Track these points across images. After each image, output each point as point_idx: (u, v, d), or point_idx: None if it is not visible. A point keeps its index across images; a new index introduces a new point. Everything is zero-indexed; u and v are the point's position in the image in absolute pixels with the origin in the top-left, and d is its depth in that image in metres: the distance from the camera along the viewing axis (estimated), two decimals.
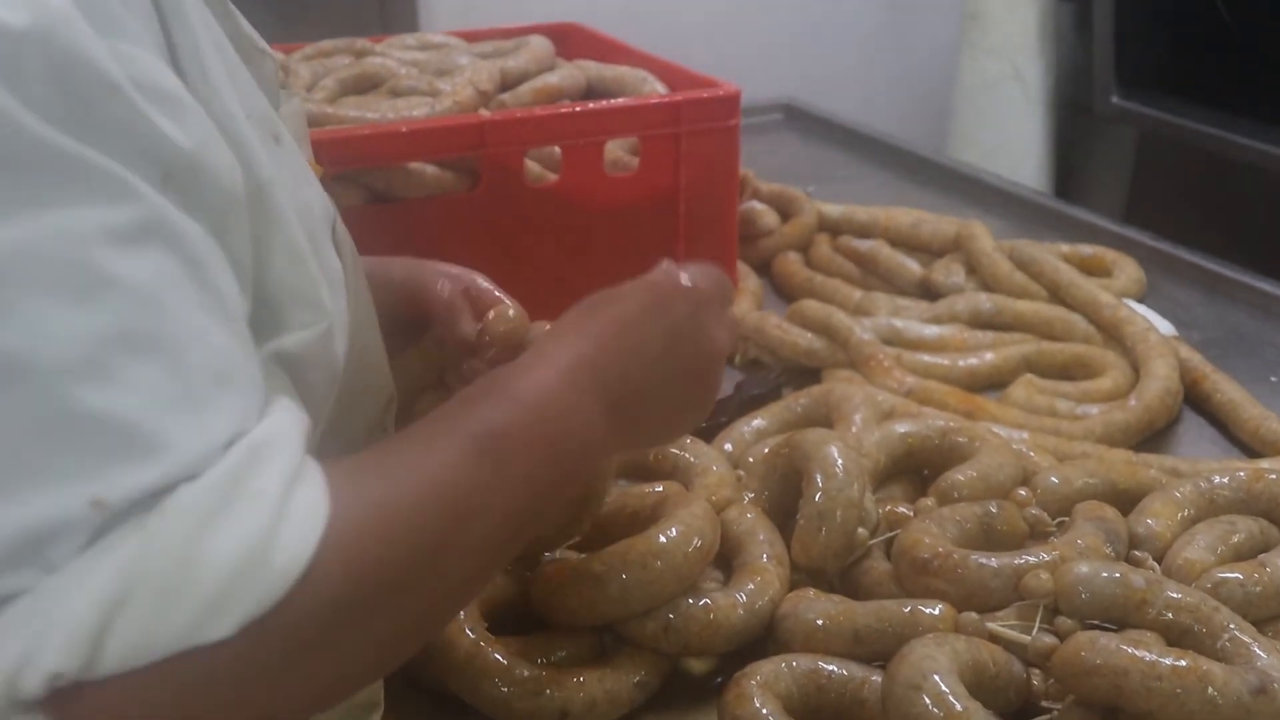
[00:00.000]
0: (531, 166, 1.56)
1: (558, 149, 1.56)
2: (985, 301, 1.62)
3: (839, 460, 1.09)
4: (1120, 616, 0.97)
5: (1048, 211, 2.06)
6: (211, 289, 0.68)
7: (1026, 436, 1.32)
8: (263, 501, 0.64)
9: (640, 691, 1.01)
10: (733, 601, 1.02)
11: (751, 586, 1.04)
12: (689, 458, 1.23)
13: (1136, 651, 0.90)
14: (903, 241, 1.81)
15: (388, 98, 1.66)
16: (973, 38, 3.22)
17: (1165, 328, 1.57)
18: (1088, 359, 1.51)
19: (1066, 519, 1.12)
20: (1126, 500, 1.17)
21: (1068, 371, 1.51)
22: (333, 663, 0.68)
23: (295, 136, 0.91)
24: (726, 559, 1.10)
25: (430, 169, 1.51)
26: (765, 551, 1.08)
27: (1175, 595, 0.97)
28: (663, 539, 1.01)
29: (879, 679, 0.95)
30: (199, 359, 0.65)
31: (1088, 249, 1.79)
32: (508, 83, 1.69)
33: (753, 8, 3.37)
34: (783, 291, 1.78)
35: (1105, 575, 0.97)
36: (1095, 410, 1.40)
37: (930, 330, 1.56)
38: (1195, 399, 1.46)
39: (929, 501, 1.14)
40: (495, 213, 1.52)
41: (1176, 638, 0.96)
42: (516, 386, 0.80)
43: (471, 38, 1.90)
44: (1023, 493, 1.14)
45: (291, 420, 0.69)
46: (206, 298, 0.67)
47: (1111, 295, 1.59)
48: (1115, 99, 2.91)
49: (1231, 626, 0.95)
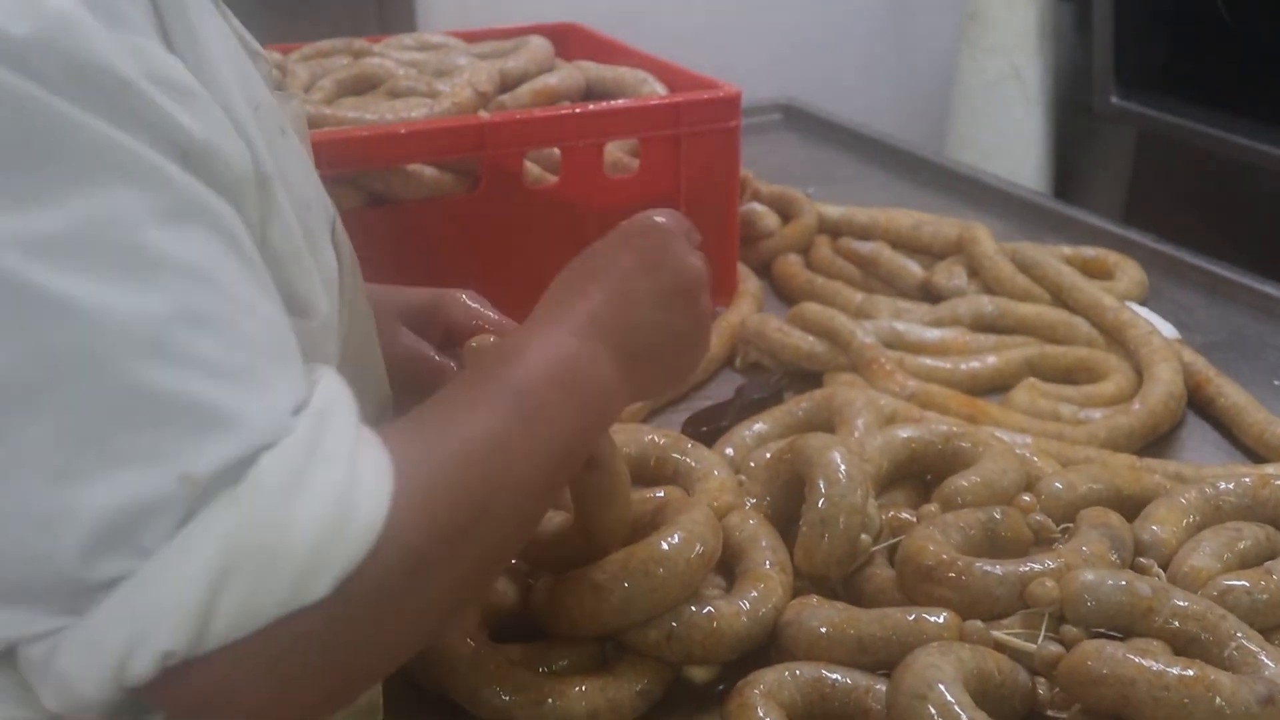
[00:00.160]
0: (531, 168, 1.56)
1: (557, 151, 1.55)
2: (987, 304, 1.61)
3: (842, 466, 1.08)
4: (1126, 625, 0.96)
5: (1048, 213, 2.05)
6: (252, 264, 0.70)
7: (1029, 441, 1.31)
8: (336, 464, 0.66)
9: (643, 700, 1.00)
10: (736, 609, 1.01)
11: (755, 594, 1.03)
12: (690, 462, 1.22)
13: (1143, 661, 0.90)
14: (903, 243, 1.80)
15: (386, 99, 1.65)
16: (972, 37, 3.21)
17: (1168, 331, 1.56)
18: (1090, 362, 1.50)
19: (1071, 525, 1.11)
20: (1131, 506, 1.16)
21: (1070, 375, 1.50)
22: (409, 613, 0.71)
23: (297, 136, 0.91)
24: (729, 565, 1.10)
25: (429, 171, 1.51)
26: (768, 558, 1.08)
27: (1182, 603, 0.96)
28: (664, 546, 1.00)
29: (883, 688, 0.94)
30: (254, 331, 0.67)
31: (1090, 251, 1.78)
32: (507, 84, 1.68)
33: (751, 8, 3.36)
34: (783, 294, 1.77)
35: (1111, 583, 0.96)
36: (1098, 414, 1.39)
37: (932, 333, 1.55)
38: (1199, 403, 1.45)
39: (932, 507, 1.13)
40: (494, 215, 1.51)
41: (1183, 646, 0.95)
42: (536, 347, 0.84)
43: (470, 38, 1.90)
44: (1027, 498, 1.14)
45: (340, 386, 0.72)
46: (250, 272, 0.70)
47: (1114, 298, 1.58)
48: (1115, 99, 2.90)
49: (1238, 635, 0.95)
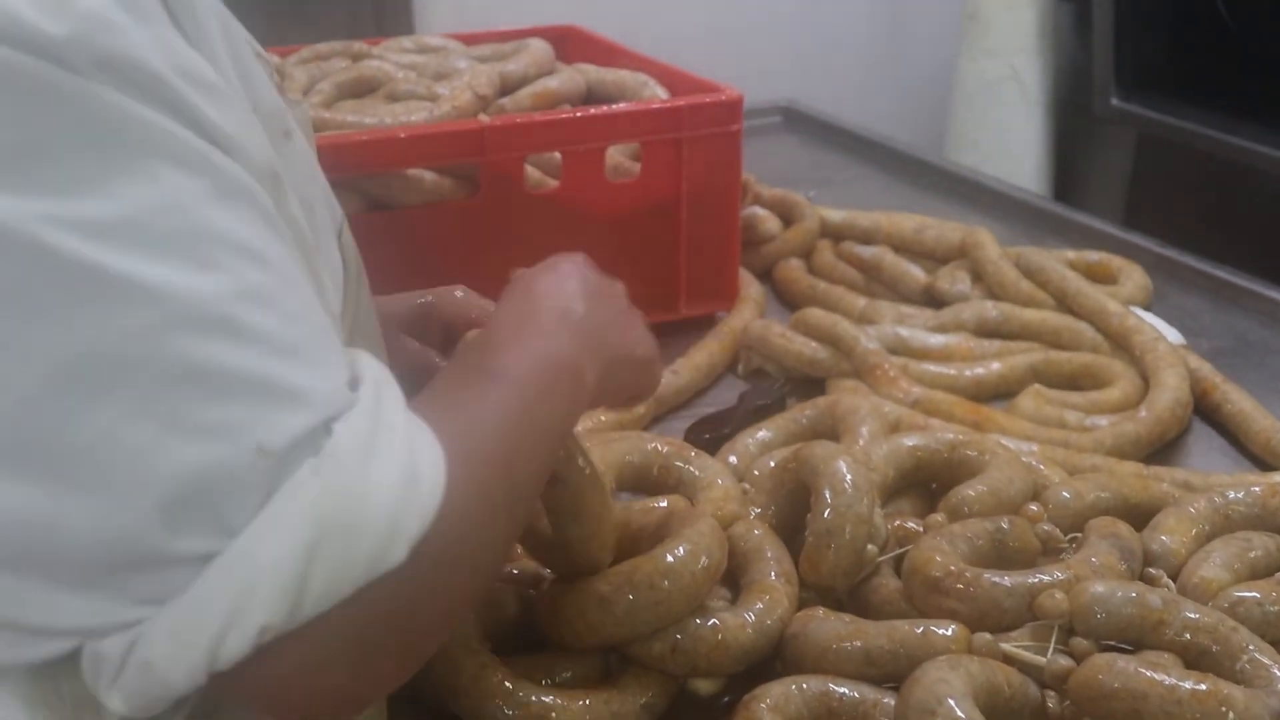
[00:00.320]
0: (531, 173, 1.55)
1: (558, 155, 1.54)
2: (991, 310, 1.60)
3: (848, 475, 1.07)
4: (1137, 637, 0.95)
5: (1050, 216, 2.04)
6: (290, 244, 0.72)
7: (1036, 449, 1.30)
8: (397, 431, 0.69)
9: (647, 713, 0.98)
10: (741, 621, 1.00)
11: (760, 605, 1.02)
12: (693, 471, 1.21)
13: (1155, 675, 0.88)
14: (906, 248, 1.79)
15: (385, 102, 1.64)
16: (971, 38, 3.20)
17: (1173, 336, 1.55)
18: (1095, 368, 1.49)
19: (1079, 535, 1.10)
20: (1139, 515, 1.15)
21: (1075, 381, 1.49)
22: (466, 575, 0.75)
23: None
24: (733, 576, 1.08)
25: (429, 175, 1.49)
26: (773, 569, 1.06)
27: (1193, 615, 0.95)
28: (670, 558, 0.99)
29: (891, 701, 0.93)
30: (306, 309, 0.70)
31: (1093, 255, 1.77)
32: (507, 87, 1.67)
33: (749, 10, 3.34)
34: (785, 299, 1.76)
35: (1121, 595, 0.95)
36: (1105, 421, 1.38)
37: (936, 339, 1.54)
38: (1205, 409, 1.44)
39: (939, 517, 1.12)
40: (495, 220, 1.50)
41: (1194, 659, 0.94)
42: (520, 340, 0.85)
43: (470, 40, 1.88)
44: (1034, 508, 1.13)
45: (379, 362, 0.74)
46: (289, 252, 0.72)
47: (1119, 303, 1.57)
48: (1114, 100, 2.89)
49: (1250, 648, 0.94)
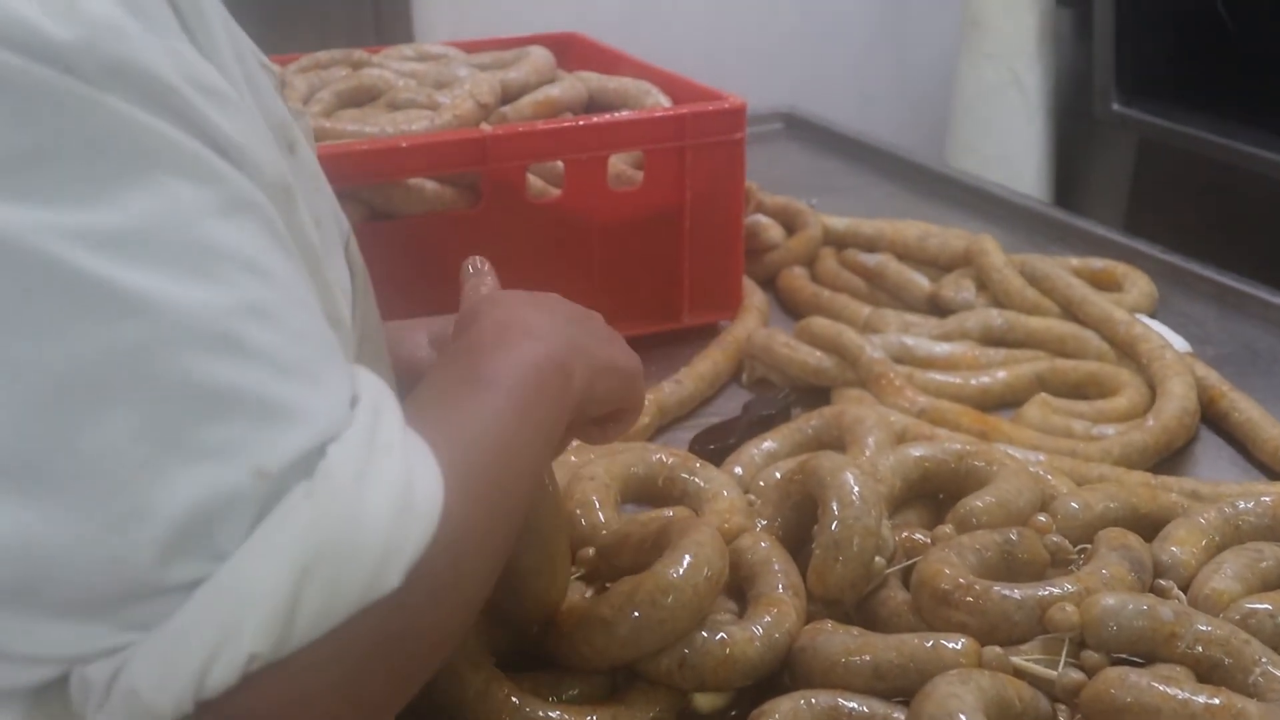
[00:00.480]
0: (534, 182, 1.54)
1: (560, 164, 1.53)
2: (996, 318, 1.59)
3: (855, 487, 1.06)
4: (1148, 650, 0.94)
5: (1053, 222, 2.03)
6: (295, 258, 0.71)
7: (1043, 458, 1.29)
8: (394, 453, 0.67)
9: None
10: (749, 635, 0.99)
11: (768, 619, 1.01)
12: (699, 482, 1.20)
13: (1168, 689, 0.88)
14: (909, 255, 1.78)
15: (386, 111, 1.63)
16: (972, 44, 3.20)
17: (1180, 344, 1.54)
18: (1102, 377, 1.48)
19: (1088, 546, 1.09)
20: (1148, 525, 1.14)
21: (1081, 390, 1.48)
22: (464, 597, 0.73)
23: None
24: (740, 589, 1.07)
25: (430, 185, 1.49)
26: (780, 582, 1.05)
27: (1205, 628, 0.94)
28: (672, 574, 0.97)
29: (901, 716, 0.92)
30: (308, 325, 0.68)
31: (1098, 263, 1.76)
32: (508, 95, 1.66)
33: (749, 16, 3.34)
34: (788, 307, 1.75)
35: (1133, 608, 0.94)
36: (1112, 430, 1.37)
37: (941, 348, 1.53)
38: (1212, 417, 1.43)
39: (947, 529, 1.11)
40: (497, 229, 1.49)
41: (1206, 672, 0.93)
42: (507, 340, 0.84)
43: (470, 48, 1.88)
44: (1042, 519, 1.12)
45: (380, 380, 0.72)
46: (295, 266, 0.70)
47: (1125, 311, 1.56)
48: (1116, 105, 2.89)
49: (1264, 660, 0.93)
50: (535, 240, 1.51)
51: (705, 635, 0.98)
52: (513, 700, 0.95)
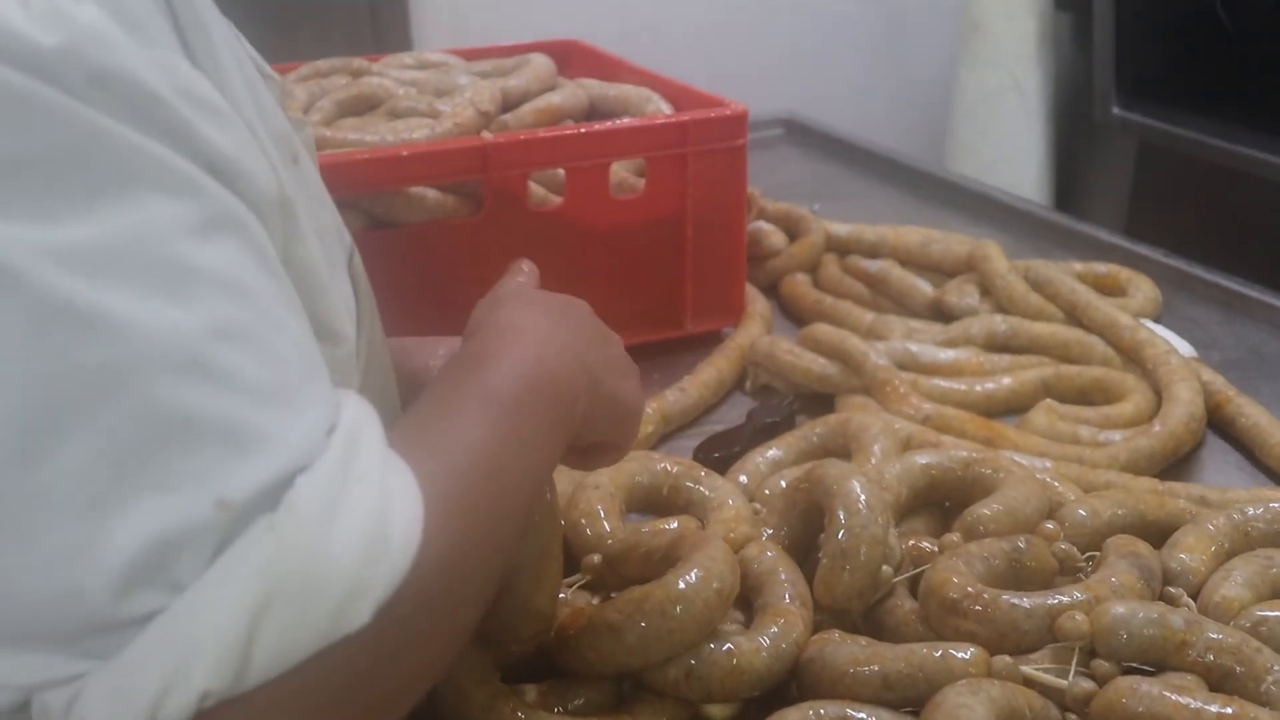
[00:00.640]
0: (535, 189, 1.53)
1: (562, 171, 1.52)
2: (1001, 324, 1.58)
3: (862, 496, 1.05)
4: (1159, 658, 0.94)
5: (1055, 227, 2.03)
6: (280, 279, 0.68)
7: (1049, 465, 1.28)
8: (369, 484, 0.64)
9: None
10: (756, 645, 0.98)
11: (775, 629, 1.00)
12: (704, 491, 1.20)
13: (1180, 698, 0.87)
14: (912, 261, 1.78)
15: (386, 119, 1.63)
16: (972, 49, 3.19)
17: (1185, 349, 1.53)
18: (1107, 383, 1.47)
19: (1096, 553, 1.09)
20: (1156, 532, 1.14)
21: (1087, 395, 1.47)
22: (443, 631, 0.70)
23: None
24: (747, 599, 1.07)
25: (431, 193, 1.48)
26: (787, 591, 1.05)
27: (1216, 636, 0.94)
28: (681, 584, 0.97)
29: None
30: (287, 349, 0.65)
31: (1102, 267, 1.75)
32: (509, 103, 1.66)
33: (749, 22, 3.34)
34: (791, 314, 1.74)
35: (1143, 616, 0.94)
36: (1118, 436, 1.36)
37: (946, 354, 1.53)
38: (1219, 423, 1.43)
39: (954, 537, 1.10)
40: (498, 238, 1.49)
41: (1218, 681, 0.93)
42: (509, 351, 0.82)
43: (470, 56, 1.87)
44: (1050, 526, 1.11)
45: (365, 406, 0.70)
46: (278, 288, 0.67)
47: (1130, 316, 1.55)
48: (1116, 109, 2.89)
49: (1276, 668, 0.93)
50: (537, 248, 1.49)
51: (712, 646, 0.97)
52: (518, 715, 0.94)
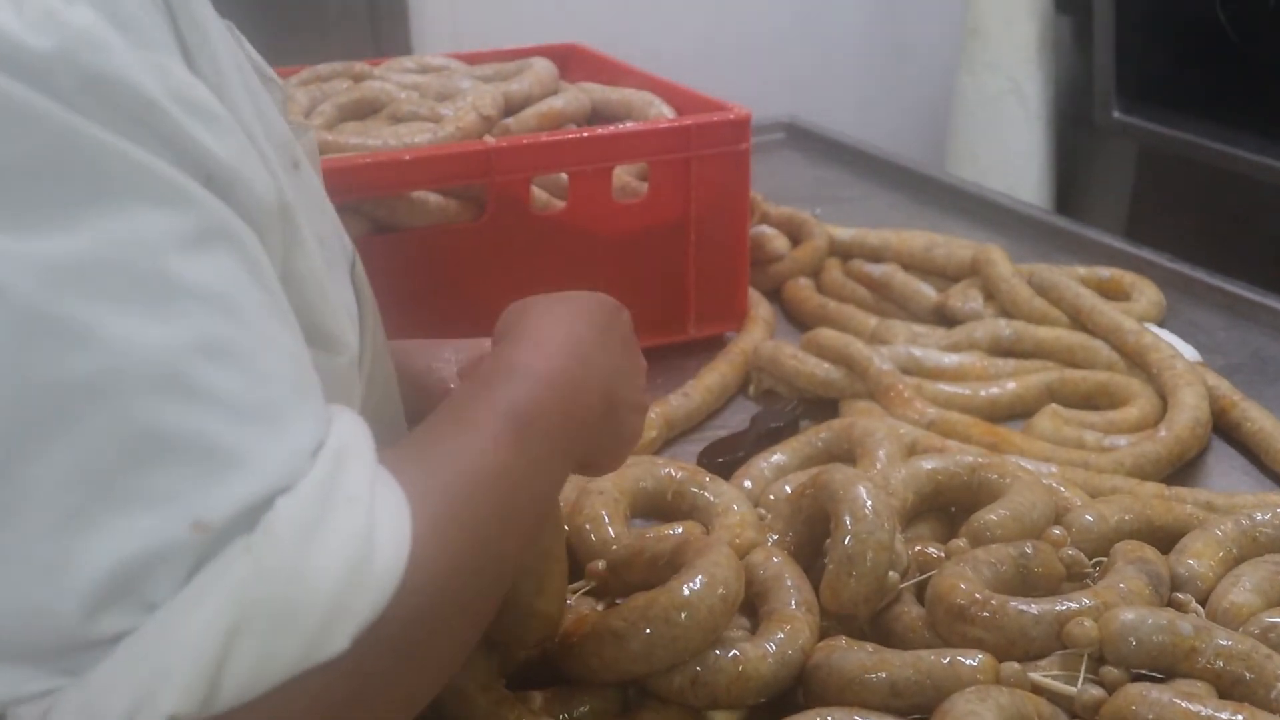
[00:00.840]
0: (538, 194, 1.53)
1: (564, 176, 1.52)
2: (1005, 328, 1.57)
3: (868, 501, 1.04)
4: (1169, 665, 0.93)
5: (1057, 231, 2.02)
6: (274, 294, 0.67)
7: (1055, 470, 1.28)
8: (355, 507, 0.62)
9: None
10: (762, 652, 0.98)
11: (781, 635, 0.99)
12: (708, 497, 1.19)
13: (1190, 705, 0.86)
14: (916, 265, 1.78)
15: (388, 123, 1.62)
16: (972, 53, 3.19)
17: (1190, 353, 1.53)
18: (1112, 387, 1.47)
19: (1104, 559, 1.08)
20: (1163, 538, 1.13)
21: (1091, 400, 1.47)
22: (429, 661, 0.68)
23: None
24: (753, 605, 1.06)
25: (434, 197, 1.48)
26: (793, 598, 1.04)
27: (1225, 642, 0.93)
28: (686, 591, 0.96)
29: None
30: (275, 365, 0.64)
31: (1105, 271, 1.75)
32: (511, 107, 1.65)
33: (748, 25, 3.33)
34: (794, 318, 1.74)
35: (1152, 622, 0.93)
36: (1124, 441, 1.36)
37: (950, 359, 1.52)
38: (1224, 427, 1.42)
39: (961, 543, 1.09)
40: (501, 242, 1.48)
41: (1228, 688, 0.92)
42: (532, 365, 0.80)
43: (472, 60, 1.87)
44: (1057, 532, 1.10)
45: (357, 424, 0.68)
46: (272, 303, 0.66)
47: (1134, 321, 1.55)
48: (1116, 113, 2.88)
49: None
50: (539, 253, 1.50)
51: (718, 652, 0.96)
52: None
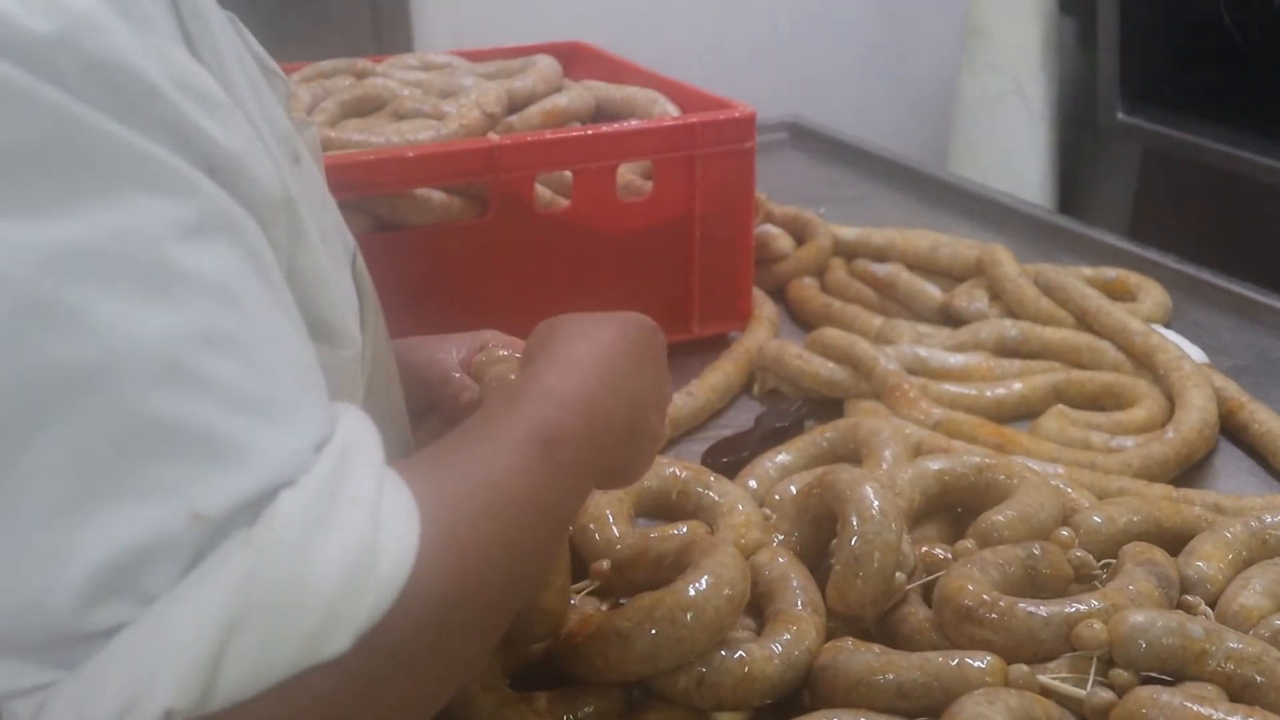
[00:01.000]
0: (542, 192, 1.52)
1: (569, 174, 1.51)
2: (1010, 328, 1.57)
3: (875, 501, 1.04)
4: (1178, 668, 0.92)
5: (1061, 232, 2.01)
6: (277, 287, 0.66)
7: (1062, 471, 1.27)
8: (361, 506, 0.61)
9: None
10: (768, 653, 0.97)
11: (787, 636, 0.99)
12: (713, 496, 1.19)
13: (1201, 709, 0.86)
14: (921, 265, 1.77)
15: (391, 120, 1.61)
16: (975, 53, 3.18)
17: (1197, 355, 1.52)
18: (1118, 388, 1.46)
19: (1112, 561, 1.07)
20: (1171, 540, 1.12)
21: (1098, 401, 1.46)
22: (434, 669, 0.66)
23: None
24: (758, 606, 1.05)
25: (437, 195, 1.47)
26: (799, 598, 1.03)
27: (1235, 645, 0.92)
28: (692, 591, 0.95)
29: None
30: (277, 358, 0.62)
31: (1110, 272, 1.74)
32: (515, 104, 1.64)
33: (750, 25, 3.33)
34: (799, 318, 1.73)
35: (1162, 625, 0.92)
36: (1131, 443, 1.35)
37: (955, 359, 1.51)
38: (1231, 429, 1.41)
39: (968, 544, 1.09)
40: (504, 240, 1.48)
41: (1238, 691, 0.91)
42: (560, 389, 0.79)
43: (475, 57, 1.86)
44: (1065, 533, 1.09)
45: (364, 422, 0.67)
46: (274, 294, 0.65)
47: (1141, 321, 1.54)
48: (1120, 114, 2.88)
49: None
50: (543, 251, 1.49)
51: (724, 654, 0.96)
52: None
